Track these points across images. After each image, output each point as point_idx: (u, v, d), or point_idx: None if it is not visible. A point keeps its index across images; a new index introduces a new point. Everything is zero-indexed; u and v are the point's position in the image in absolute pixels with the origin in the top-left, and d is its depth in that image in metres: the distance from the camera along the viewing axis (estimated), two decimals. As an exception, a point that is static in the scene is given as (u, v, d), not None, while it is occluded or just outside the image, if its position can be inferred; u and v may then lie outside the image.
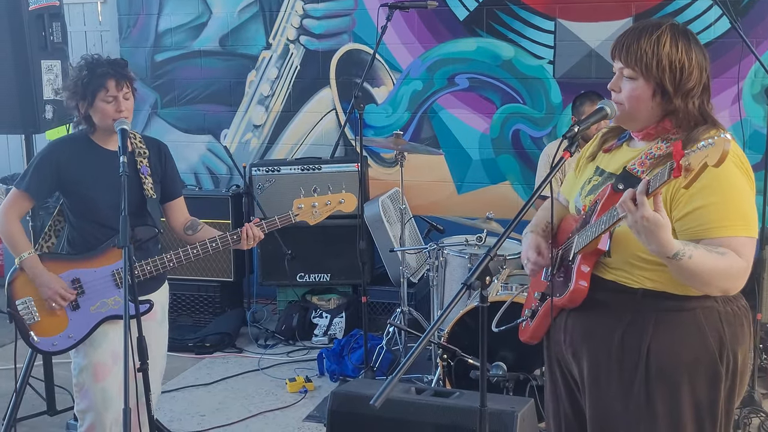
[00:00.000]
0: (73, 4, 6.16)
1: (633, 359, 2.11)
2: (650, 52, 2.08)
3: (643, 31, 2.12)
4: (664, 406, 2.10)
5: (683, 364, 2.08)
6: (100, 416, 3.05)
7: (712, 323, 2.09)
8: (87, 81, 2.95)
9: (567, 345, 2.27)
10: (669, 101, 2.10)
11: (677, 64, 2.08)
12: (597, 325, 2.18)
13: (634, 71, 2.11)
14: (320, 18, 5.76)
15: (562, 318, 2.29)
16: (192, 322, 5.43)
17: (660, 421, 2.11)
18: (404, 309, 4.66)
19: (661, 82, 2.08)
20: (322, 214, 3.19)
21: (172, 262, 3.05)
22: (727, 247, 1.98)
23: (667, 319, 2.10)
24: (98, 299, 3.03)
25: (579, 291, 2.17)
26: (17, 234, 3.07)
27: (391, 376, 1.85)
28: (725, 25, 4.90)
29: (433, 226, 4.65)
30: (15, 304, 3.05)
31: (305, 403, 4.34)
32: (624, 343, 2.13)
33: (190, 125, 6.19)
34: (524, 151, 5.48)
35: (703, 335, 2.08)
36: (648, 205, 1.88)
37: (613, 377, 2.15)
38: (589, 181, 2.29)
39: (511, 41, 5.39)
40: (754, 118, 4.99)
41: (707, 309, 2.09)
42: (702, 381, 2.09)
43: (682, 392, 2.09)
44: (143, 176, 3.07)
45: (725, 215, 2.00)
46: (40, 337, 3.04)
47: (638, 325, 2.12)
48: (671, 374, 2.09)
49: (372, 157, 5.82)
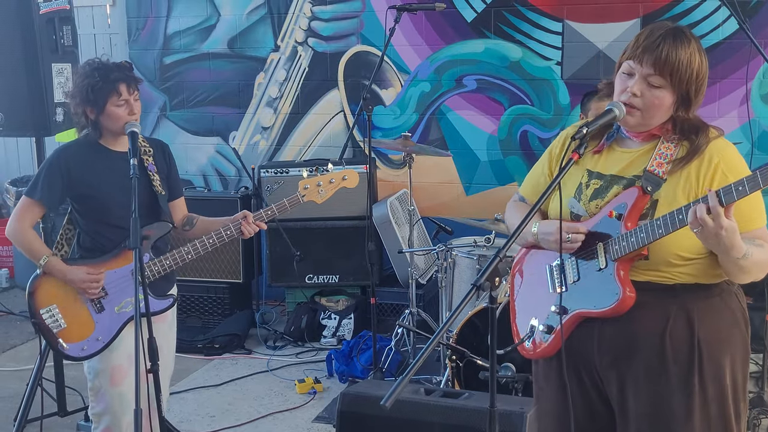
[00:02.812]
0: (83, 7, 6.19)
1: (685, 352, 2.15)
2: (685, 65, 2.11)
3: (677, 41, 2.11)
4: (714, 390, 2.15)
5: (727, 346, 2.16)
6: (116, 419, 3.05)
7: (736, 304, 2.20)
8: (100, 87, 2.94)
9: (603, 354, 2.22)
10: (686, 110, 2.14)
11: (702, 78, 2.14)
12: (640, 327, 2.17)
13: (664, 80, 2.11)
14: (328, 20, 5.78)
15: (591, 328, 2.23)
16: (201, 323, 5.44)
17: (711, 405, 2.15)
18: (413, 310, 4.66)
19: (687, 92, 2.12)
20: (328, 192, 3.18)
21: (191, 254, 3.05)
22: (760, 238, 2.08)
23: (706, 307, 2.16)
24: (122, 299, 3.03)
25: (629, 299, 2.14)
26: (34, 241, 3.08)
27: (401, 377, 1.86)
28: (733, 26, 4.89)
29: (442, 227, 4.65)
30: (39, 314, 3.03)
31: (314, 404, 4.35)
32: (673, 339, 2.15)
33: (199, 127, 6.21)
34: (532, 153, 5.47)
35: (734, 316, 2.19)
36: (724, 216, 1.93)
37: (669, 374, 2.16)
38: (587, 185, 2.27)
39: (519, 43, 5.39)
40: (763, 119, 4.98)
41: (726, 291, 2.19)
42: (738, 359, 2.19)
43: (725, 373, 2.16)
44: (151, 173, 3.08)
45: (753, 207, 2.09)
46: (68, 343, 3.03)
47: (683, 318, 2.15)
48: (718, 358, 2.15)
49: (380, 159, 5.82)
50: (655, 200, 2.14)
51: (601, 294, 2.18)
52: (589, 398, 2.30)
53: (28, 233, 3.07)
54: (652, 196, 2.14)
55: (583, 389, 2.30)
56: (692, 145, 2.13)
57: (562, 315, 2.26)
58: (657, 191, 2.14)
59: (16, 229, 3.06)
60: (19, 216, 3.06)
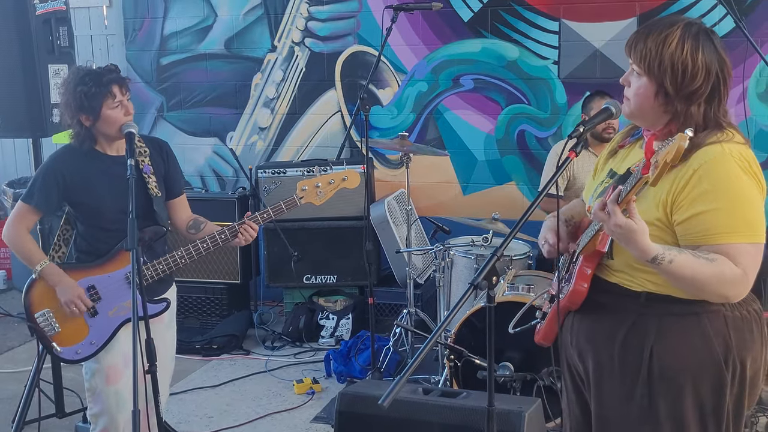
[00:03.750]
0: (79, 8, 6.19)
1: (636, 361, 2.10)
2: (654, 51, 2.04)
3: (653, 29, 2.08)
4: (667, 408, 2.09)
5: (687, 367, 2.06)
6: (113, 419, 3.06)
7: (717, 328, 2.05)
8: (93, 92, 2.93)
9: (573, 346, 2.28)
10: (670, 103, 2.05)
11: (680, 65, 2.02)
12: (600, 326, 2.18)
13: (640, 68, 2.09)
14: (325, 20, 5.78)
15: (569, 320, 2.29)
16: (199, 324, 5.44)
17: (663, 423, 2.10)
18: (411, 310, 4.66)
19: (662, 82, 2.05)
20: (327, 194, 3.11)
21: (184, 258, 3.04)
22: (724, 254, 1.95)
23: (671, 323, 2.08)
24: (115, 303, 3.04)
25: (578, 292, 2.16)
26: (30, 246, 3.08)
27: (399, 377, 1.86)
28: (730, 24, 4.90)
29: (439, 227, 4.66)
30: (34, 317, 3.05)
31: (312, 404, 4.35)
32: (626, 345, 2.12)
33: (196, 128, 6.20)
34: (529, 152, 5.48)
35: (707, 340, 2.05)
36: (619, 213, 1.89)
37: (616, 379, 2.15)
38: (602, 183, 2.28)
39: (516, 42, 5.40)
40: (760, 117, 4.99)
41: (713, 313, 2.06)
42: (706, 386, 2.07)
43: (685, 395, 2.07)
44: (146, 175, 3.07)
45: (726, 222, 1.96)
46: (62, 347, 3.05)
47: (641, 328, 2.10)
48: (674, 377, 2.07)
49: (377, 159, 5.83)
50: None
51: (567, 285, 2.23)
52: (578, 389, 2.34)
53: (25, 237, 3.07)
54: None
55: (573, 380, 2.35)
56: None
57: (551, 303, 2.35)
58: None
59: (13, 233, 3.07)
60: (16, 221, 3.07)
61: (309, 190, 3.09)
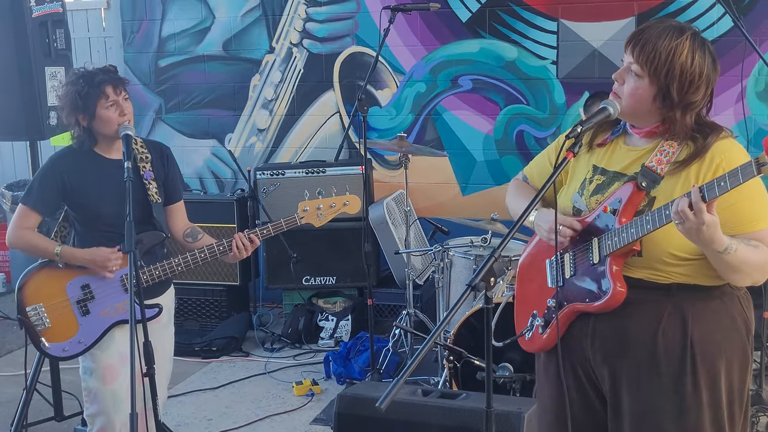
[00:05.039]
0: (77, 10, 6.19)
1: (677, 352, 2.13)
2: (665, 56, 2.07)
3: (664, 32, 2.09)
4: (708, 394, 2.13)
5: (722, 350, 2.13)
6: (110, 419, 3.06)
7: (737, 308, 2.16)
8: (86, 92, 2.95)
9: (595, 350, 2.23)
10: (669, 108, 2.10)
11: (687, 76, 2.07)
12: (633, 324, 2.16)
13: (642, 70, 2.09)
14: (323, 21, 5.77)
15: (586, 323, 2.23)
16: (198, 326, 5.43)
17: (705, 409, 2.14)
18: (410, 311, 4.66)
19: (667, 88, 2.08)
20: (327, 216, 3.21)
21: (180, 265, 3.05)
22: (759, 240, 2.05)
23: (702, 308, 2.13)
24: (108, 304, 3.04)
25: (620, 294, 2.13)
26: (38, 240, 3.08)
27: (397, 378, 1.85)
28: (728, 23, 4.90)
29: (438, 227, 4.65)
30: (25, 311, 3.07)
31: (312, 406, 4.34)
32: (666, 339, 2.13)
33: (195, 130, 6.20)
34: (528, 152, 5.47)
35: (733, 320, 2.15)
36: (706, 211, 1.91)
37: (661, 373, 2.15)
38: (591, 181, 2.26)
39: (514, 42, 5.39)
40: (758, 116, 4.99)
41: (728, 295, 2.16)
42: (735, 365, 2.15)
43: (721, 378, 2.14)
44: (147, 181, 3.08)
45: (756, 209, 2.07)
46: (51, 342, 3.06)
47: (677, 318, 2.13)
48: (713, 361, 2.13)
49: (376, 160, 5.82)
50: (653, 197, 2.13)
51: (593, 289, 2.18)
52: (585, 393, 2.30)
53: (30, 236, 3.08)
54: (650, 193, 2.13)
55: (580, 384, 2.30)
56: (696, 147, 2.10)
57: (557, 309, 2.27)
58: (654, 188, 2.12)
59: (17, 235, 3.09)
60: (18, 223, 3.09)
61: (310, 211, 3.17)
